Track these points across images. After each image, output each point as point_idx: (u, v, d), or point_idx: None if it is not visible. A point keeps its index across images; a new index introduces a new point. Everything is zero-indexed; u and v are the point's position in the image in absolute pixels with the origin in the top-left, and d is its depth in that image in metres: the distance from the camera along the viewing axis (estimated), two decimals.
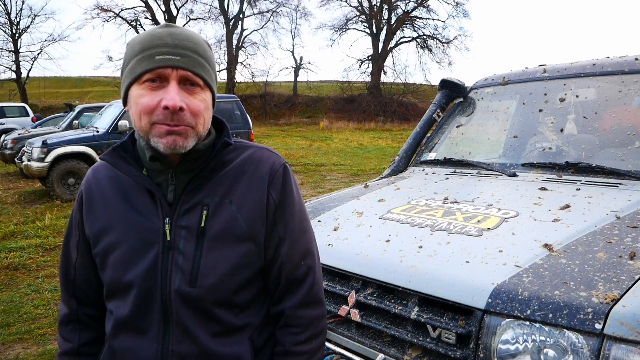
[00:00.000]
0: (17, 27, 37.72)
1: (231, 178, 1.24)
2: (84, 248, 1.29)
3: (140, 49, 1.13)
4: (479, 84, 3.59)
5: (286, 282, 1.28)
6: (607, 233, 1.83)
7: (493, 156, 3.15)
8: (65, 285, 1.35)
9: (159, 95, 1.12)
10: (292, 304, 1.28)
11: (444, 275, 1.71)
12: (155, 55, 1.11)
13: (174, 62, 1.11)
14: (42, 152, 9.62)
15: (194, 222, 1.19)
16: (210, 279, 1.18)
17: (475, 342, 1.56)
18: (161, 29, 1.15)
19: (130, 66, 1.14)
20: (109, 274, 1.22)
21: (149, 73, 1.11)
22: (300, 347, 1.28)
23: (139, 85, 1.13)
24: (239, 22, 43.20)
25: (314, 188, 10.69)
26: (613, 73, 2.80)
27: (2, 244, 6.61)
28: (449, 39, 42.54)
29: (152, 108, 1.12)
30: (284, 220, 1.27)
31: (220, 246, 1.19)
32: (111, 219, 1.22)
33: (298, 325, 1.28)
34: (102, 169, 1.30)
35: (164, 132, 1.12)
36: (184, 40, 1.14)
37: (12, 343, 3.92)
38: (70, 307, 1.35)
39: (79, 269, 1.32)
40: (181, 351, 1.19)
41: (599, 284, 1.49)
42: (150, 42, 1.13)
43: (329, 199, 2.89)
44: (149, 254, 1.18)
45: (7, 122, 20.32)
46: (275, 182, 1.26)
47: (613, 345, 1.33)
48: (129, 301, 1.20)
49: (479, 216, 2.11)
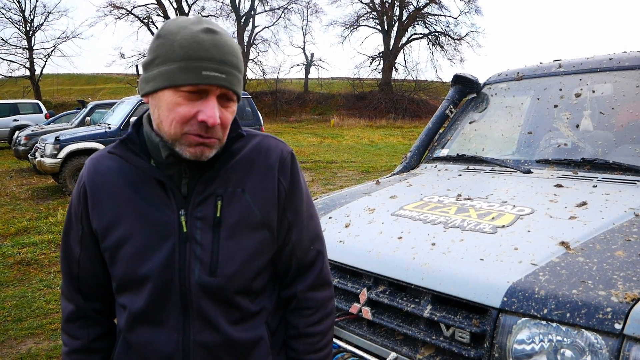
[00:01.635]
0: (31, 24, 38.07)
1: (242, 167, 1.25)
2: (88, 242, 1.26)
3: (183, 56, 1.07)
4: (492, 79, 3.54)
5: (297, 266, 1.34)
6: (625, 231, 1.78)
7: (507, 152, 3.10)
8: (69, 282, 1.32)
9: (196, 106, 1.10)
10: (304, 287, 1.34)
11: (458, 273, 1.68)
12: (202, 71, 1.08)
13: (219, 82, 1.09)
14: (55, 148, 9.70)
15: (209, 213, 1.19)
16: (230, 268, 1.20)
17: (490, 341, 1.52)
18: (205, 35, 1.09)
19: (169, 70, 1.09)
20: (120, 267, 1.20)
21: (192, 86, 1.09)
22: (313, 328, 1.34)
23: (176, 92, 1.10)
24: (250, 19, 43.24)
25: (324, 185, 10.66)
26: (630, 68, 2.74)
27: (15, 239, 6.67)
28: (461, 36, 42.30)
29: (188, 119, 1.10)
30: (293, 207, 1.31)
31: (237, 235, 1.21)
32: (121, 211, 1.20)
33: (310, 307, 1.34)
34: (105, 160, 1.25)
35: (194, 143, 1.12)
36: (229, 56, 1.11)
37: (24, 338, 3.95)
38: (77, 303, 1.32)
39: (84, 263, 1.28)
40: (203, 340, 1.20)
41: (618, 282, 1.45)
42: (196, 51, 1.07)
43: (340, 195, 2.86)
44: (164, 246, 1.17)
45: (21, 119, 20.52)
46: (284, 170, 1.29)
47: (633, 346, 1.29)
48: (145, 294, 1.18)
49: (493, 213, 2.08)
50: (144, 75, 1.15)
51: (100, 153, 1.28)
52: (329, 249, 2.11)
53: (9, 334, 4.00)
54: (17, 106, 21.43)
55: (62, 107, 31.73)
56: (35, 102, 22.74)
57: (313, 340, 1.34)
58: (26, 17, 37.54)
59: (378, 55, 43.41)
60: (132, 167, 1.21)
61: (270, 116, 35.77)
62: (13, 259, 5.82)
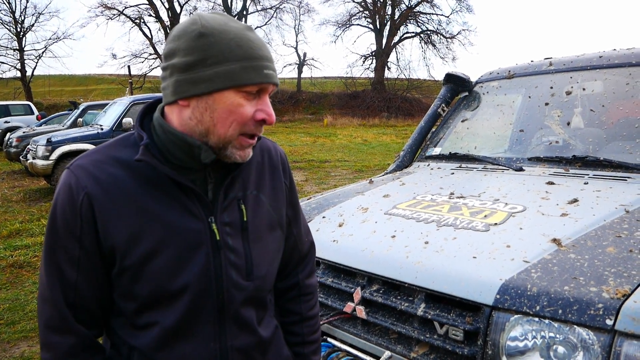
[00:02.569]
0: (22, 25, 37.78)
1: (255, 169, 1.27)
2: (91, 264, 1.11)
3: (244, 55, 1.06)
4: (484, 77, 3.55)
5: (297, 257, 1.44)
6: (616, 227, 1.80)
7: (499, 150, 3.12)
8: (65, 312, 1.11)
9: (254, 106, 1.10)
10: (304, 276, 1.46)
11: (451, 271, 1.69)
12: (264, 69, 1.08)
13: (274, 80, 1.11)
14: (47, 150, 9.64)
15: (235, 218, 1.20)
16: (262, 269, 1.24)
17: (483, 338, 1.53)
18: (252, 34, 1.10)
19: (230, 69, 1.05)
20: (149, 283, 1.11)
21: (255, 85, 1.08)
22: (312, 311, 1.47)
23: (238, 92, 1.07)
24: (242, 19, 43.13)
25: (318, 184, 10.66)
26: (620, 65, 2.77)
27: (8, 242, 6.63)
28: (453, 34, 42.31)
29: (248, 118, 1.10)
30: (292, 203, 1.39)
31: (262, 237, 1.25)
32: (142, 223, 1.09)
33: (309, 292, 1.47)
34: (106, 167, 1.11)
35: (247, 145, 1.13)
36: (270, 53, 1.13)
37: (17, 341, 3.93)
38: (79, 334, 1.13)
39: (83, 287, 1.12)
40: (240, 345, 1.21)
41: (609, 279, 1.46)
42: (255, 50, 1.07)
43: (333, 194, 2.87)
44: (198, 256, 1.13)
45: (12, 121, 20.37)
46: (285, 169, 1.37)
47: (625, 342, 1.30)
48: (180, 307, 1.13)
49: (486, 211, 2.09)
50: (186, 76, 1.06)
51: (94, 158, 1.13)
52: (323, 248, 2.12)
53: (2, 337, 3.97)
54: (8, 108, 21.28)
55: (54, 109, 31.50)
56: (27, 104, 22.60)
57: (313, 322, 1.47)
58: (17, 18, 37.29)
59: (370, 54, 43.43)
60: (144, 174, 1.11)
61: None
62: (5, 261, 5.78)
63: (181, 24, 1.11)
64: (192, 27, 1.06)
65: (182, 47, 1.05)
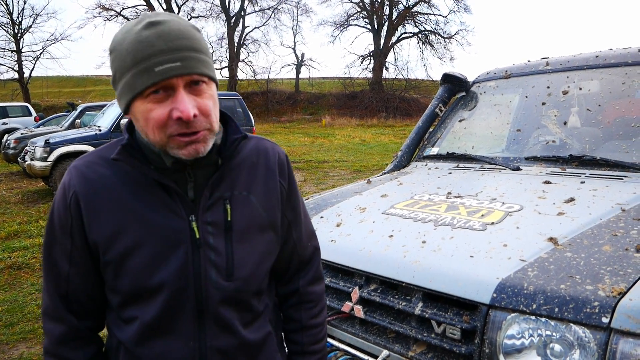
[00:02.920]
0: (19, 27, 37.74)
1: (246, 170, 1.25)
2: (81, 257, 1.17)
3: (133, 61, 1.03)
4: (481, 77, 3.56)
5: (297, 263, 1.40)
6: (612, 226, 1.81)
7: (496, 150, 3.13)
8: (57, 301, 1.20)
9: (168, 105, 1.05)
10: (304, 282, 1.40)
11: (448, 270, 1.70)
12: (154, 67, 1.02)
13: (176, 71, 1.03)
14: (45, 151, 9.63)
15: (219, 217, 1.18)
16: (245, 270, 1.21)
17: (480, 337, 1.54)
18: (148, 31, 1.03)
19: (127, 81, 1.05)
20: (128, 279, 1.14)
21: (151, 87, 1.03)
22: (314, 321, 1.41)
23: (143, 100, 1.05)
24: (240, 19, 43.13)
25: (316, 185, 10.67)
26: (616, 65, 2.78)
27: (6, 243, 6.62)
28: (451, 34, 42.40)
29: (164, 121, 1.05)
30: (292, 206, 1.35)
31: (248, 238, 1.22)
32: (124, 221, 1.13)
33: (311, 300, 1.41)
34: (95, 167, 1.16)
35: (184, 143, 1.07)
36: (180, 40, 1.04)
37: (16, 342, 3.92)
38: (69, 323, 1.20)
39: (75, 280, 1.18)
40: (220, 345, 1.19)
41: (605, 277, 1.47)
42: (143, 50, 1.02)
43: (331, 194, 2.88)
44: (176, 254, 1.14)
45: (10, 122, 20.36)
46: (283, 171, 1.32)
47: (620, 339, 1.31)
48: (157, 304, 1.14)
49: (483, 210, 2.10)
50: (116, 94, 1.12)
51: (87, 159, 1.19)
52: (321, 248, 2.11)
53: (0, 339, 3.97)
54: (6, 109, 21.26)
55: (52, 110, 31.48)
56: (25, 105, 22.57)
57: (315, 332, 1.41)
58: (14, 20, 37.25)
59: (368, 55, 43.45)
60: (130, 173, 1.15)
61: (262, 116, 35.71)
62: (4, 263, 5.78)
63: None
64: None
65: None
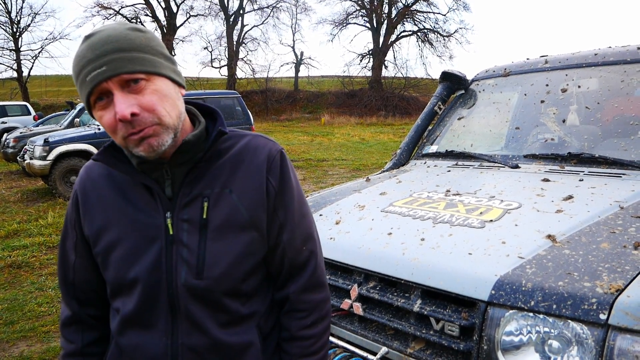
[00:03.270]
0: (18, 25, 37.70)
1: (229, 167, 1.23)
2: (82, 248, 1.28)
3: (76, 74, 1.10)
4: (480, 75, 3.57)
5: (289, 267, 1.30)
6: (610, 223, 1.81)
7: (495, 148, 3.13)
8: (65, 287, 1.34)
9: (112, 109, 1.09)
10: (297, 289, 1.30)
11: (447, 268, 1.70)
12: (86, 77, 1.08)
13: (102, 76, 1.06)
14: (44, 150, 9.62)
15: (195, 215, 1.19)
16: (217, 269, 1.18)
17: (478, 334, 1.55)
18: (82, 45, 1.10)
19: (80, 94, 1.13)
20: (112, 272, 1.21)
21: (91, 97, 1.10)
22: (306, 332, 1.30)
23: (95, 109, 1.13)
24: (239, 18, 43.15)
25: (315, 183, 10.68)
26: (615, 63, 2.78)
27: (6, 242, 6.63)
28: (450, 33, 42.41)
29: (114, 125, 1.10)
30: (284, 206, 1.27)
31: (224, 236, 1.19)
32: (110, 217, 1.22)
33: (303, 309, 1.31)
34: (96, 167, 1.29)
35: (137, 141, 1.10)
36: (103, 45, 1.07)
37: (16, 341, 3.93)
38: (72, 308, 1.34)
39: (79, 270, 1.31)
40: (191, 344, 1.19)
41: (603, 274, 1.47)
42: (78, 64, 1.09)
43: (330, 192, 2.88)
44: (151, 249, 1.18)
45: (9, 121, 20.34)
46: (273, 169, 1.25)
47: (618, 336, 1.32)
48: (134, 298, 1.19)
49: (482, 208, 2.10)
50: None
51: (90, 162, 1.32)
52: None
53: (0, 337, 3.98)
54: (5, 108, 21.23)
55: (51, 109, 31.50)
56: (23, 104, 22.54)
57: (306, 344, 1.30)
58: (12, 19, 37.21)
59: (368, 53, 43.43)
60: (118, 173, 1.23)
61: (261, 115, 35.72)
62: (4, 262, 5.78)
63: None
64: None
65: None
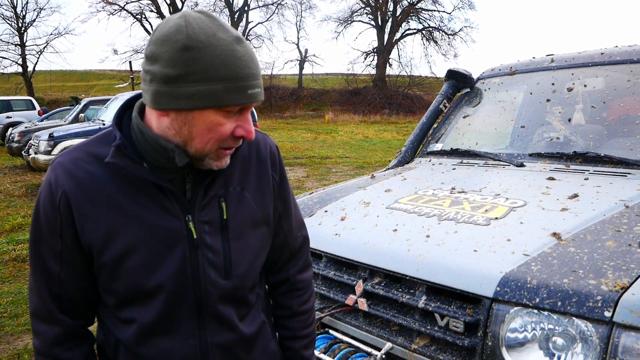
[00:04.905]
0: (23, 20, 37.74)
1: (240, 165, 1.24)
2: (72, 258, 1.13)
3: (228, 75, 1.01)
4: (485, 74, 3.57)
5: (288, 252, 1.41)
6: (616, 222, 1.82)
7: (500, 146, 3.13)
8: (48, 303, 1.16)
9: (234, 122, 1.08)
10: (295, 271, 1.43)
11: (452, 264, 1.71)
12: (248, 90, 1.04)
13: (258, 98, 1.07)
14: (49, 145, 9.67)
15: (215, 216, 1.18)
16: (242, 268, 1.22)
17: (483, 330, 1.56)
18: (240, 47, 1.03)
19: (213, 89, 1.01)
20: (125, 282, 1.13)
21: (238, 106, 1.06)
22: (305, 307, 1.44)
23: (219, 111, 1.05)
24: (243, 14, 43.11)
25: (319, 181, 10.68)
26: (622, 62, 2.78)
27: (10, 236, 6.65)
28: (455, 31, 42.24)
29: (226, 135, 1.08)
30: (283, 197, 1.35)
31: (243, 235, 1.22)
32: (117, 222, 1.10)
33: (301, 288, 1.44)
34: (84, 165, 1.12)
35: (223, 156, 1.12)
36: (257, 64, 1.07)
37: (21, 334, 3.95)
38: (63, 324, 1.18)
39: (66, 280, 1.15)
40: (221, 341, 1.21)
41: (608, 272, 1.48)
42: (241, 69, 1.02)
43: (335, 189, 2.89)
44: (174, 255, 1.13)
45: (14, 116, 20.37)
46: (274, 164, 1.32)
47: (622, 333, 1.32)
48: (156, 305, 1.14)
49: (487, 205, 2.10)
50: (166, 88, 1.02)
51: (73, 155, 1.14)
52: (326, 242, 2.14)
53: (5, 330, 4.00)
54: (10, 103, 21.27)
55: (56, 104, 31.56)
56: (28, 99, 22.60)
57: (304, 317, 1.44)
58: (18, 14, 37.26)
59: (372, 51, 43.36)
60: (122, 172, 1.11)
61: (265, 112, 35.71)
62: (8, 255, 5.81)
63: (166, 25, 1.04)
64: (176, 36, 1.00)
65: (165, 57, 1.00)
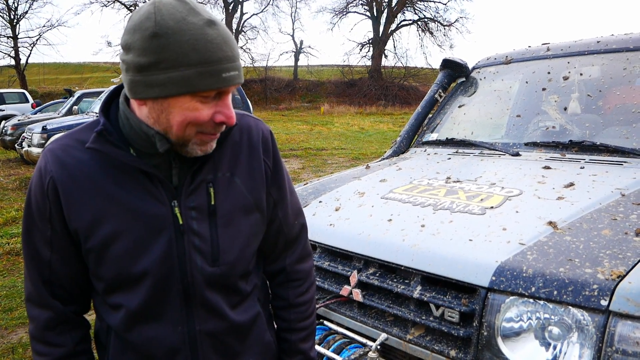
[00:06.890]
0: (15, 12, 37.37)
1: (230, 151, 1.21)
2: (61, 244, 1.15)
3: (200, 60, 0.99)
4: (481, 63, 3.54)
5: (284, 241, 1.36)
6: (612, 210, 1.80)
7: (496, 136, 3.12)
8: (40, 288, 1.18)
9: (212, 107, 1.05)
10: (292, 260, 1.39)
11: (447, 254, 1.70)
12: (222, 73, 1.01)
13: (236, 80, 1.04)
14: (42, 137, 9.63)
15: (202, 201, 1.16)
16: (231, 255, 1.19)
17: (478, 320, 1.54)
18: (212, 30, 1.01)
19: (185, 75, 0.99)
20: (111, 267, 1.13)
21: (213, 91, 1.03)
22: (301, 298, 1.40)
23: (194, 97, 1.03)
24: (238, 5, 42.83)
25: (315, 172, 10.66)
26: (618, 50, 2.76)
27: (4, 229, 6.62)
28: (450, 22, 42.02)
29: (206, 120, 1.06)
30: (277, 184, 1.31)
31: (232, 221, 1.20)
32: (104, 208, 1.11)
33: (299, 278, 1.40)
34: (73, 151, 1.12)
35: (207, 141, 1.10)
36: (233, 45, 1.04)
37: (15, 327, 3.93)
38: (55, 309, 1.19)
39: (57, 266, 1.16)
40: (209, 329, 1.19)
41: (604, 260, 1.47)
42: (212, 53, 1.00)
43: (330, 179, 2.87)
44: (159, 240, 1.12)
45: (7, 109, 20.25)
46: (267, 149, 1.28)
47: (619, 322, 1.31)
48: (143, 291, 1.14)
49: (482, 195, 2.09)
50: (140, 77, 1.01)
51: (63, 142, 1.15)
52: (320, 232, 2.12)
53: None
54: (3, 96, 21.14)
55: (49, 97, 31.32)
56: (22, 92, 22.47)
57: (302, 309, 1.40)
58: (10, 5, 36.90)
59: (367, 42, 43.16)
60: (109, 158, 1.11)
61: (260, 104, 35.60)
62: (2, 249, 5.78)
63: (138, 13, 1.02)
64: (146, 24, 0.98)
65: (136, 46, 0.99)
